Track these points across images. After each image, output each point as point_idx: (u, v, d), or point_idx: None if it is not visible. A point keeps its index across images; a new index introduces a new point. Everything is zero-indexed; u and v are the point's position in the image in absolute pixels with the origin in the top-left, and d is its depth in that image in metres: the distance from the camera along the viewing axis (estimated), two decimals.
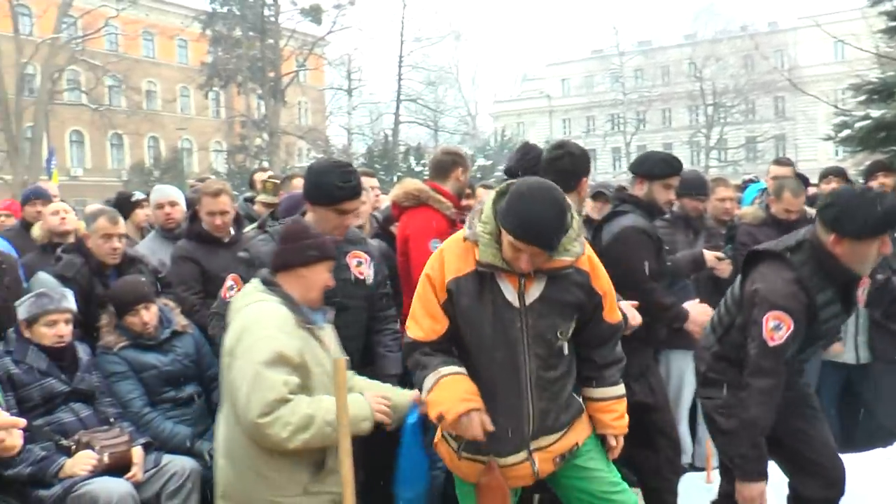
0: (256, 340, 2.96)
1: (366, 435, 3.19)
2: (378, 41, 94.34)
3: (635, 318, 3.82)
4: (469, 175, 4.68)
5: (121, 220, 4.53)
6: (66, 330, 3.89)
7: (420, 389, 2.91)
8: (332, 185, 3.47)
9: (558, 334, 2.88)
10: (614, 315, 3.06)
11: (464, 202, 4.71)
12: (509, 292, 2.80)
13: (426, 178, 4.71)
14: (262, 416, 2.89)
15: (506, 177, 4.18)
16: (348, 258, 3.63)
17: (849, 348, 5.10)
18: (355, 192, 3.56)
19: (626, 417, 3.11)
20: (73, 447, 3.69)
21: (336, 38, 40.53)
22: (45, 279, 4.17)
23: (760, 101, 50.65)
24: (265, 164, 31.02)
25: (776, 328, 3.15)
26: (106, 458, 3.67)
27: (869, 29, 10.28)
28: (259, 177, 6.60)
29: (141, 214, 6.04)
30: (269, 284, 3.17)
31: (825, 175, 6.34)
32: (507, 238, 2.70)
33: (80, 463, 3.62)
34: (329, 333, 3.27)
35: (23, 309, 3.85)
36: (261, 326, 3.00)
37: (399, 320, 3.94)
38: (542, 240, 2.68)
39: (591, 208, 5.61)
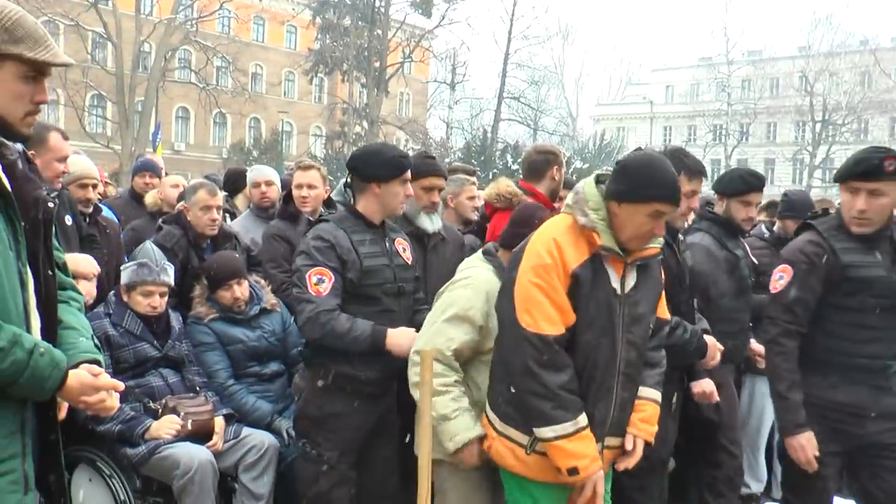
0: (451, 295, 3.24)
1: None
2: (485, 37, 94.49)
3: (714, 359, 3.80)
4: (564, 173, 4.63)
5: (219, 192, 4.66)
6: (159, 302, 4.03)
7: (538, 420, 2.81)
8: (395, 157, 3.54)
9: (650, 323, 3.00)
10: (664, 310, 3.16)
11: (557, 204, 4.66)
12: (614, 279, 2.86)
13: (521, 177, 4.69)
14: (415, 353, 3.20)
15: None
16: (396, 244, 3.67)
17: None
18: (410, 162, 3.65)
19: (655, 427, 3.08)
20: (160, 410, 3.85)
21: (443, 31, 40.72)
22: (150, 250, 4.31)
23: (875, 121, 48.57)
24: None
25: (779, 279, 3.46)
26: (189, 425, 3.81)
27: None
28: None
29: None
30: (489, 255, 3.36)
31: None
32: (645, 210, 2.75)
33: (165, 426, 3.76)
34: None
35: (124, 275, 4.01)
36: (462, 286, 3.25)
37: None
38: (679, 196, 2.83)
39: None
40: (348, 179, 3.68)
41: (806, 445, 3.34)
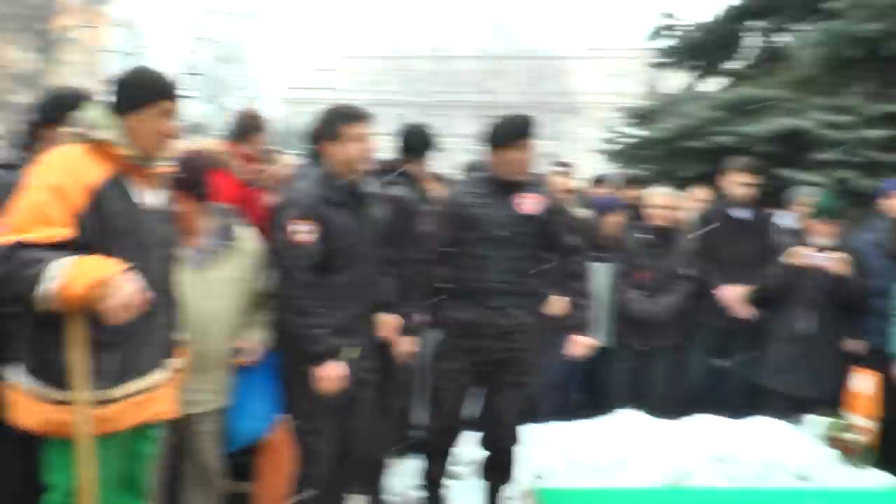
0: None
1: None
2: (168, 7, 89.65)
3: None
4: (266, 138, 4.64)
5: None
6: None
7: (37, 284, 2.48)
8: None
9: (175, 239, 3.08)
10: None
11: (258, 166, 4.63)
12: (141, 195, 2.82)
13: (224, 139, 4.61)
14: None
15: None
16: None
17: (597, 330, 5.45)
18: None
19: None
20: None
21: None
22: None
23: (540, 120, 53.45)
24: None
25: None
26: None
27: (642, 65, 11.19)
28: None
29: None
30: None
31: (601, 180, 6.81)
32: (154, 112, 2.78)
33: None
34: None
35: None
36: None
37: None
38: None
39: None
40: None
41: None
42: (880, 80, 7.10)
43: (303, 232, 3.48)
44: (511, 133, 3.98)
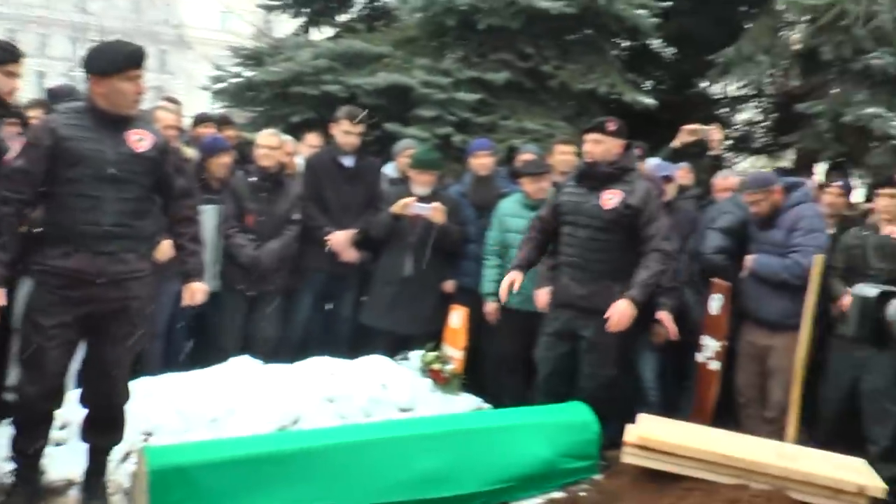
0: None
1: None
2: None
3: None
4: None
5: None
6: None
7: None
8: None
9: None
10: None
11: None
12: None
13: None
14: None
15: None
16: None
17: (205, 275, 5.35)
18: None
19: None
20: None
21: None
22: None
23: (146, 50, 50.41)
24: None
25: None
26: None
27: (253, 4, 11.00)
28: None
29: None
30: None
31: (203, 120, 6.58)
32: None
33: None
34: None
35: None
36: None
37: None
38: None
39: None
40: None
41: None
42: (473, 49, 7.75)
43: None
44: (119, 61, 3.61)
